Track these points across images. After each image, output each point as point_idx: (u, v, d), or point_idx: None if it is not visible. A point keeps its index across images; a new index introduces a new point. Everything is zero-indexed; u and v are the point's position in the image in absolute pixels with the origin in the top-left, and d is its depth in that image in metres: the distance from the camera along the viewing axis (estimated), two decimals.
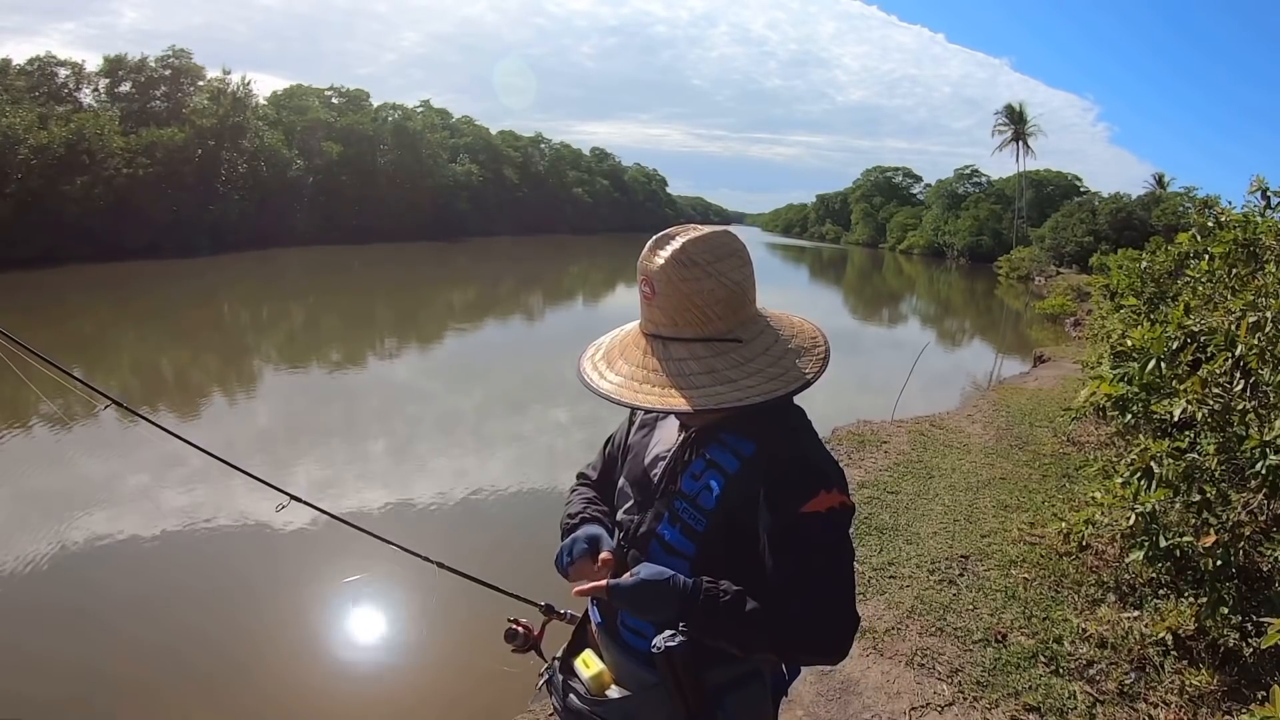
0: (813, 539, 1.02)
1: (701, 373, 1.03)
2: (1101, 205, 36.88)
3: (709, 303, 1.04)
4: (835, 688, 2.84)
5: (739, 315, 1.07)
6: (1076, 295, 19.64)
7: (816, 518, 1.02)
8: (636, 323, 1.15)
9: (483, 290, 22.35)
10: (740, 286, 1.07)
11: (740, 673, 1.13)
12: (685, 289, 1.03)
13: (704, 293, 1.03)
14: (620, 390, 1.06)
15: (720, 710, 1.11)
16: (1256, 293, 3.21)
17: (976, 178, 56.51)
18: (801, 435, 1.11)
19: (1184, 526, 3.17)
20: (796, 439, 1.10)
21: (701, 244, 1.05)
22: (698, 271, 1.03)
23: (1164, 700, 2.74)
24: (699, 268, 1.03)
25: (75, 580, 4.27)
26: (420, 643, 3.81)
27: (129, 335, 12.54)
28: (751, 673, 1.14)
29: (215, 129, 27.43)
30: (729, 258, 1.05)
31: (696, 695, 1.07)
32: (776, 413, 1.11)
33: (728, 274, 1.05)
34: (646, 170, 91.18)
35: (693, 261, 1.03)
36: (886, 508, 4.62)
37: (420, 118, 44.12)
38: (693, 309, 1.04)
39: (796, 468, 1.05)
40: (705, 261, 1.03)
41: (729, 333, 1.05)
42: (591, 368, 1.14)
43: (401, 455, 6.55)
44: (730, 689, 1.12)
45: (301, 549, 4.74)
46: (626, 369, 1.09)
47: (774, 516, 1.04)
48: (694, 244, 1.04)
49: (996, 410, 7.46)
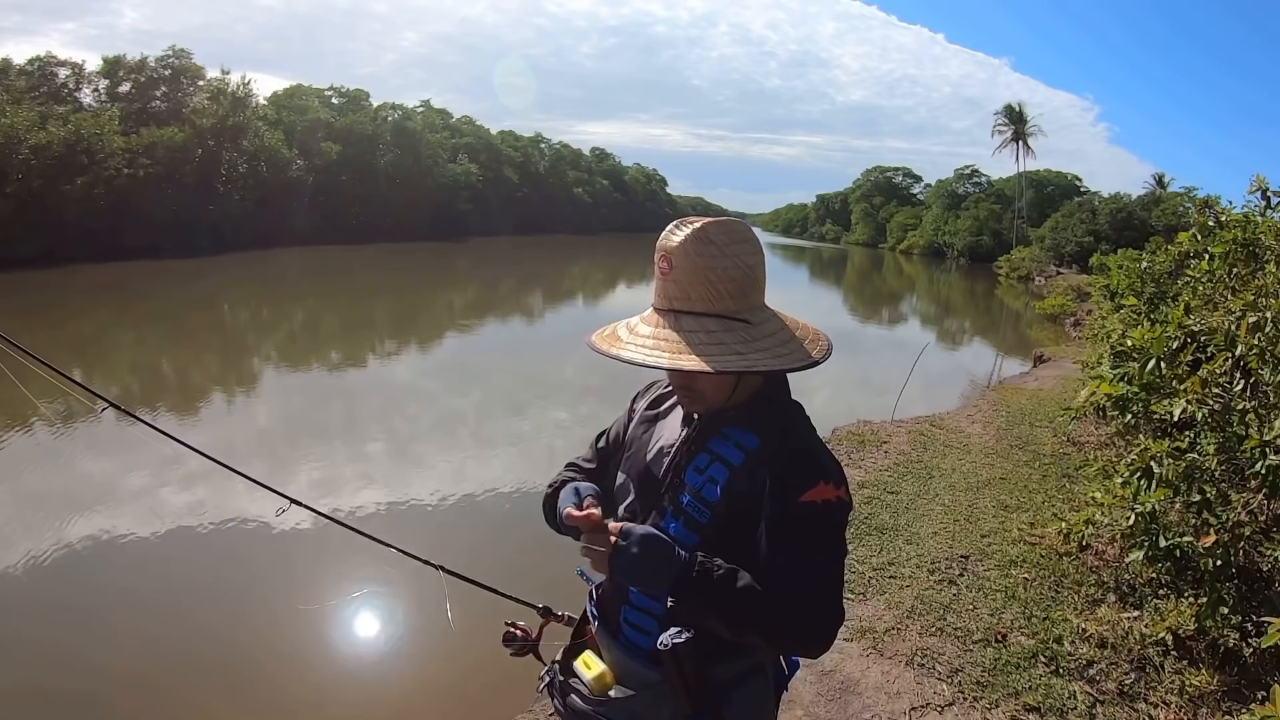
0: (808, 528, 1.05)
1: (710, 344, 1.06)
2: (1102, 205, 36.87)
3: (721, 279, 1.08)
4: (835, 688, 2.84)
5: (748, 299, 1.11)
6: (1076, 295, 19.65)
7: (813, 508, 1.05)
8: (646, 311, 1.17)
9: (483, 290, 22.35)
10: (752, 270, 1.11)
11: (744, 669, 1.14)
12: (701, 263, 1.07)
13: (717, 269, 1.07)
14: (632, 352, 1.08)
15: (726, 706, 1.12)
16: (1256, 293, 3.21)
17: (976, 178, 56.54)
18: (803, 429, 1.15)
19: (1184, 526, 3.17)
20: (799, 432, 1.14)
21: (719, 226, 1.10)
22: (714, 249, 1.08)
23: (1164, 700, 2.74)
24: (715, 245, 1.08)
25: (76, 579, 4.27)
26: (420, 644, 3.81)
27: (129, 336, 12.54)
28: (755, 668, 1.16)
29: (215, 129, 27.43)
30: (743, 243, 1.10)
31: (702, 691, 1.08)
32: (779, 407, 1.17)
33: (741, 256, 1.09)
34: (646, 170, 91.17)
35: (710, 240, 1.08)
36: (886, 508, 4.62)
37: (420, 117, 44.14)
38: (706, 284, 1.08)
39: (798, 458, 1.09)
40: (721, 242, 1.08)
41: (737, 313, 1.09)
42: (600, 339, 1.15)
43: (401, 456, 6.55)
44: (735, 685, 1.13)
45: (302, 549, 4.74)
46: (638, 340, 1.11)
47: (774, 505, 1.07)
48: (713, 225, 1.10)
49: (996, 410, 7.46)
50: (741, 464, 1.12)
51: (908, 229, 59.12)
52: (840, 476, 1.09)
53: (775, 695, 1.23)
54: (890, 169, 70.49)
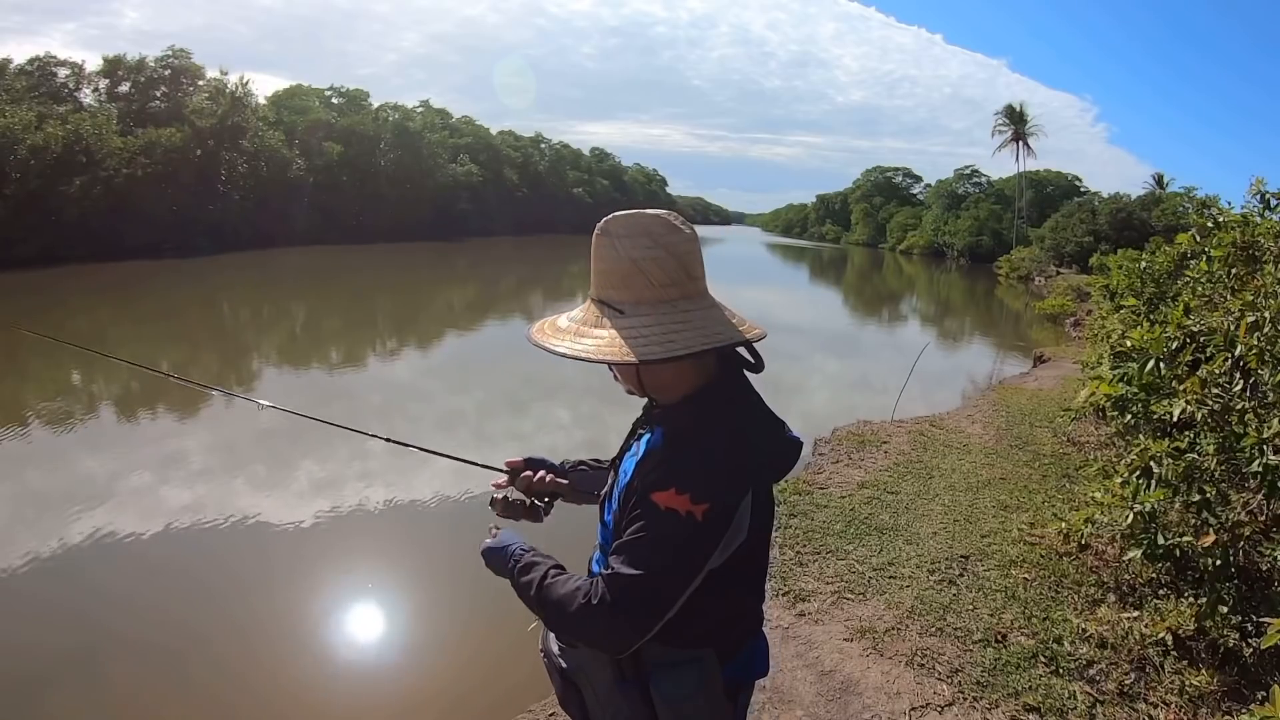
0: (640, 525, 1.05)
1: (573, 327, 1.14)
2: (1101, 205, 36.86)
3: (604, 270, 1.12)
4: (835, 688, 2.84)
5: (629, 291, 1.10)
6: (1076, 295, 19.65)
7: (655, 507, 1.04)
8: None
9: (483, 290, 22.35)
10: (637, 265, 1.09)
11: (680, 658, 1.17)
12: (594, 253, 1.14)
13: (603, 259, 1.12)
14: (537, 335, 1.18)
15: (653, 683, 1.17)
16: (1256, 293, 3.21)
17: (976, 178, 56.54)
18: (699, 433, 1.11)
19: (1184, 526, 3.18)
20: (689, 434, 1.11)
21: (624, 219, 1.12)
22: (606, 240, 1.12)
23: (1164, 700, 2.74)
24: (609, 236, 1.12)
25: (78, 572, 4.27)
26: (421, 643, 3.82)
27: (129, 335, 12.53)
28: (691, 659, 1.18)
29: (215, 129, 27.41)
30: (639, 236, 1.10)
31: (629, 662, 1.17)
32: (700, 405, 1.14)
33: (629, 250, 1.10)
34: (647, 170, 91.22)
35: (606, 230, 1.12)
36: (886, 508, 4.62)
37: (420, 118, 44.13)
38: (595, 271, 1.14)
39: (664, 460, 1.09)
40: (616, 233, 1.11)
41: (618, 302, 1.11)
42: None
43: (400, 454, 6.53)
44: (666, 667, 1.17)
45: (302, 549, 4.75)
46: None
47: (631, 499, 1.10)
48: (618, 217, 1.13)
49: (996, 410, 7.46)
50: (642, 457, 1.15)
51: (908, 229, 59.10)
52: (702, 493, 1.04)
53: (728, 692, 1.22)
54: (890, 169, 70.50)
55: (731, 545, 1.09)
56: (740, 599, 1.22)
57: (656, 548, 1.04)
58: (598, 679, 1.22)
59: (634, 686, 1.18)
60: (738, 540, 1.10)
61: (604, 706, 1.23)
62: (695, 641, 1.17)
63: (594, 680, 1.23)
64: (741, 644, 1.25)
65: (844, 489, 4.93)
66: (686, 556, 1.05)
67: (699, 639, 1.16)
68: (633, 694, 1.19)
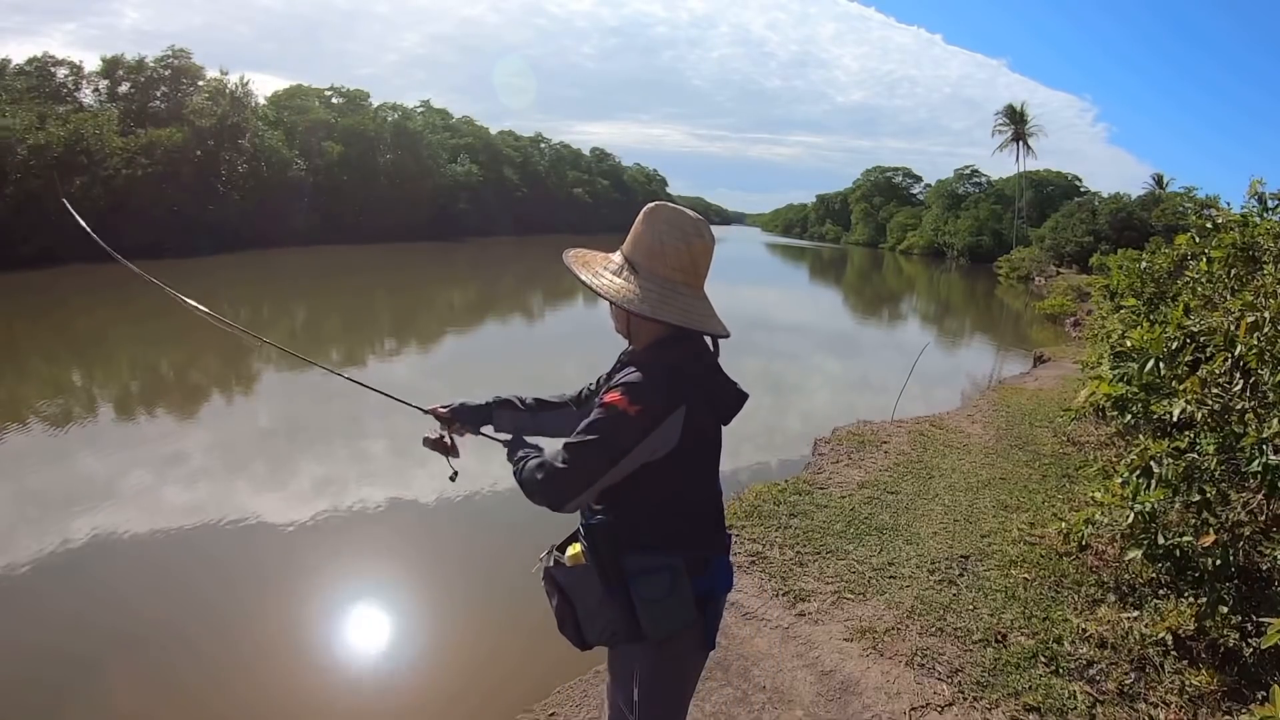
0: (594, 415, 1.40)
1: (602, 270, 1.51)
2: (1101, 205, 36.86)
3: (639, 237, 1.49)
4: (835, 688, 2.84)
5: (650, 261, 1.46)
6: (1076, 295, 19.67)
7: (603, 404, 1.40)
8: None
9: (483, 290, 22.34)
10: (660, 242, 1.46)
11: (654, 565, 1.43)
12: (638, 222, 1.50)
13: (643, 230, 1.49)
14: (573, 260, 1.57)
15: (633, 587, 1.43)
16: (1255, 293, 3.22)
17: (976, 178, 56.55)
18: (646, 365, 1.43)
19: (1184, 526, 3.18)
20: (639, 365, 1.44)
21: (670, 210, 1.49)
22: (651, 219, 1.49)
23: (1164, 700, 2.74)
24: (654, 217, 1.49)
25: (81, 570, 4.27)
26: (422, 643, 3.82)
27: (130, 335, 12.53)
28: (664, 566, 1.43)
29: (214, 129, 27.37)
30: (674, 228, 1.47)
31: (614, 571, 1.44)
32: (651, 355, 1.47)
33: (662, 234, 1.47)
34: (647, 170, 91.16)
35: (654, 212, 1.50)
36: (886, 508, 4.62)
37: (420, 118, 44.08)
38: (633, 235, 1.51)
39: (618, 379, 1.44)
40: (659, 217, 1.48)
41: (638, 265, 1.47)
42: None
43: (404, 454, 6.55)
44: (641, 574, 1.43)
45: (303, 547, 4.75)
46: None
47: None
48: (667, 206, 1.50)
49: (996, 410, 7.46)
50: (607, 381, 1.55)
51: (907, 229, 59.10)
52: (638, 396, 1.37)
53: (698, 603, 1.46)
54: (890, 169, 70.46)
55: (661, 447, 1.39)
56: (696, 507, 1.51)
57: (594, 428, 1.38)
58: (588, 593, 1.50)
59: (618, 592, 1.44)
60: (668, 445, 1.39)
61: (594, 617, 1.50)
62: (665, 544, 1.44)
63: (585, 595, 1.50)
64: (709, 562, 1.51)
65: (844, 489, 4.93)
66: (614, 438, 1.36)
67: (668, 541, 1.44)
68: (617, 601, 1.45)
